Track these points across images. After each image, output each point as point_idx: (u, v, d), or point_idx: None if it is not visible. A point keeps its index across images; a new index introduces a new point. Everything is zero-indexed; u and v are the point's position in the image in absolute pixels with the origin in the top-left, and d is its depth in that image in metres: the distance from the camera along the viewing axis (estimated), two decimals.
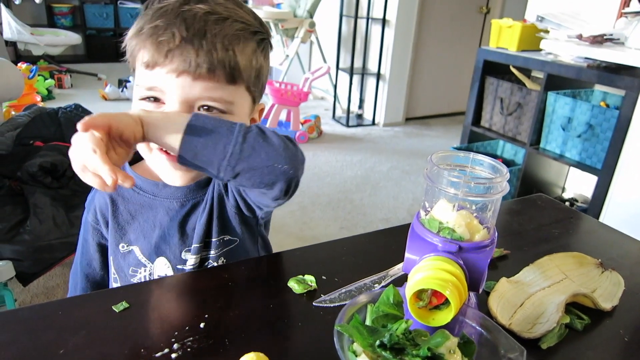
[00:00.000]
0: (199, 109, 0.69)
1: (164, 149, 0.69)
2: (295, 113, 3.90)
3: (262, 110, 0.81)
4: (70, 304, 0.66)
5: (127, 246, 0.82)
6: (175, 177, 0.74)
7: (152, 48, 0.66)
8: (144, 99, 0.69)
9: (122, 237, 0.82)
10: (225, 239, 0.81)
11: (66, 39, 5.13)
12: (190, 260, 0.80)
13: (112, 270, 0.85)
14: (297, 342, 0.62)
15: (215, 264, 0.81)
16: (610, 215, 2.14)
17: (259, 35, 0.73)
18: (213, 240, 0.80)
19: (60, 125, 2.30)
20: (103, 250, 0.87)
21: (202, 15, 0.67)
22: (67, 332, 0.60)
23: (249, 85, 0.73)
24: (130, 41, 0.70)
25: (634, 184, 2.02)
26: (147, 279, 0.82)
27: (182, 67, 0.65)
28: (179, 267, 0.81)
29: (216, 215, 0.79)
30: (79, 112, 2.37)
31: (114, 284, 0.85)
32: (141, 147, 0.73)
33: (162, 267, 0.81)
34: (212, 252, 0.81)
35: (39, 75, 4.25)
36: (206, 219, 0.79)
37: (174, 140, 0.60)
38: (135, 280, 0.82)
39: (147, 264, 0.82)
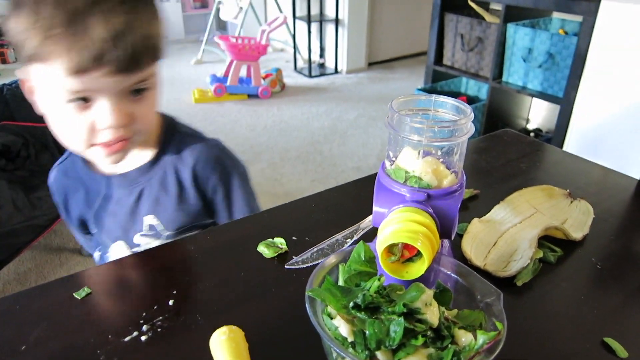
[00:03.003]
0: (129, 93, 0.68)
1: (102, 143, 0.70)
2: (255, 68, 3.78)
3: None
4: (28, 296, 0.62)
5: (94, 227, 0.88)
6: (115, 160, 0.75)
7: (75, 54, 0.60)
8: (70, 101, 0.65)
9: (89, 221, 0.88)
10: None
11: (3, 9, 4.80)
12: (148, 244, 0.85)
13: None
14: (272, 308, 0.60)
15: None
16: (574, 143, 2.18)
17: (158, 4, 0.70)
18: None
19: (7, 103, 2.17)
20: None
21: (117, 3, 0.61)
22: (27, 326, 0.57)
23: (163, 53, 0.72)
24: (28, 36, 0.60)
25: (595, 110, 2.05)
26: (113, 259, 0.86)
27: (114, 69, 0.62)
28: (134, 249, 0.86)
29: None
30: None
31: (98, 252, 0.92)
32: (78, 145, 0.71)
33: (120, 250, 0.87)
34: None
35: None
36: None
37: None
38: (105, 257, 0.89)
39: (109, 247, 0.88)
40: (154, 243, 0.85)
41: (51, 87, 0.65)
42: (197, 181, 0.84)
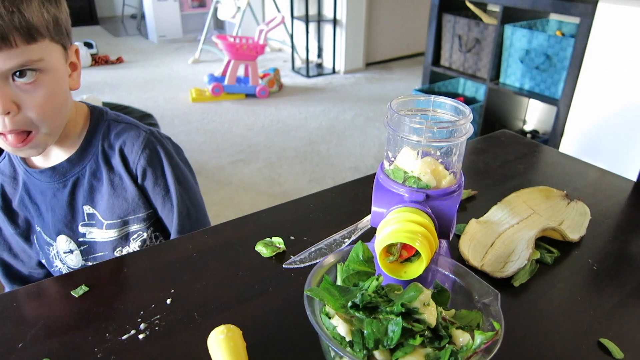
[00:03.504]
0: (13, 78, 0.67)
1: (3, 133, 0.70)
2: (253, 67, 3.78)
3: (77, 51, 0.79)
4: (25, 294, 0.62)
5: (37, 227, 0.87)
6: (28, 154, 0.78)
7: None
8: None
9: (32, 218, 0.86)
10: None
11: None
12: (92, 233, 0.86)
13: (36, 247, 0.90)
14: (270, 308, 0.60)
15: (145, 234, 0.87)
16: (570, 144, 2.18)
17: None
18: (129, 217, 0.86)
19: None
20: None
21: None
22: (24, 324, 0.57)
23: (52, 37, 0.70)
24: None
25: (591, 111, 2.06)
26: (57, 256, 0.88)
27: None
28: (80, 239, 0.86)
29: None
30: None
31: (42, 259, 0.91)
32: None
33: (64, 244, 0.86)
34: (135, 227, 0.86)
35: None
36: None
37: None
38: (51, 257, 0.89)
39: (53, 243, 0.87)
40: (97, 232, 0.85)
41: None
42: (127, 164, 0.84)
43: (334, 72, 4.51)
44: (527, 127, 2.98)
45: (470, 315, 0.48)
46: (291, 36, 4.47)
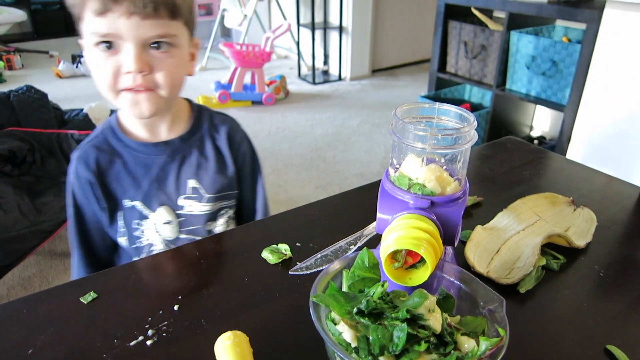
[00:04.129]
0: (150, 46, 0.77)
1: (130, 88, 0.78)
2: (259, 74, 3.80)
3: (197, 44, 0.90)
4: (35, 300, 0.63)
5: (129, 201, 0.90)
6: (142, 108, 0.82)
7: None
8: (98, 44, 0.76)
9: (123, 193, 0.90)
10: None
11: (10, 16, 4.82)
12: (191, 206, 0.93)
13: (119, 224, 0.92)
14: (276, 314, 0.60)
15: (230, 212, 0.97)
16: (578, 150, 2.17)
17: None
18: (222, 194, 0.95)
19: (13, 109, 2.19)
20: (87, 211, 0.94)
21: None
22: (34, 330, 0.57)
23: (186, 21, 0.82)
24: None
25: (598, 117, 2.05)
26: (153, 228, 0.92)
27: (132, 9, 0.72)
28: (178, 212, 0.93)
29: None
30: (32, 93, 2.25)
31: (119, 239, 0.93)
32: (108, 94, 0.80)
33: (164, 215, 0.92)
34: (225, 202, 0.96)
35: None
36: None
37: None
38: (137, 233, 0.92)
39: (150, 215, 0.91)
40: (196, 205, 0.93)
41: (86, 35, 0.76)
42: (232, 145, 0.96)
43: (340, 79, 4.53)
44: (534, 133, 2.97)
45: (475, 322, 0.48)
46: (297, 43, 4.49)
